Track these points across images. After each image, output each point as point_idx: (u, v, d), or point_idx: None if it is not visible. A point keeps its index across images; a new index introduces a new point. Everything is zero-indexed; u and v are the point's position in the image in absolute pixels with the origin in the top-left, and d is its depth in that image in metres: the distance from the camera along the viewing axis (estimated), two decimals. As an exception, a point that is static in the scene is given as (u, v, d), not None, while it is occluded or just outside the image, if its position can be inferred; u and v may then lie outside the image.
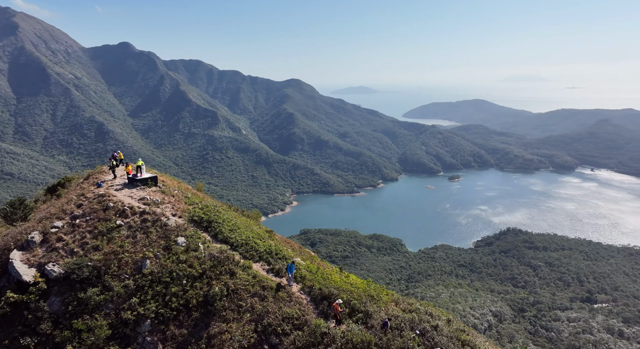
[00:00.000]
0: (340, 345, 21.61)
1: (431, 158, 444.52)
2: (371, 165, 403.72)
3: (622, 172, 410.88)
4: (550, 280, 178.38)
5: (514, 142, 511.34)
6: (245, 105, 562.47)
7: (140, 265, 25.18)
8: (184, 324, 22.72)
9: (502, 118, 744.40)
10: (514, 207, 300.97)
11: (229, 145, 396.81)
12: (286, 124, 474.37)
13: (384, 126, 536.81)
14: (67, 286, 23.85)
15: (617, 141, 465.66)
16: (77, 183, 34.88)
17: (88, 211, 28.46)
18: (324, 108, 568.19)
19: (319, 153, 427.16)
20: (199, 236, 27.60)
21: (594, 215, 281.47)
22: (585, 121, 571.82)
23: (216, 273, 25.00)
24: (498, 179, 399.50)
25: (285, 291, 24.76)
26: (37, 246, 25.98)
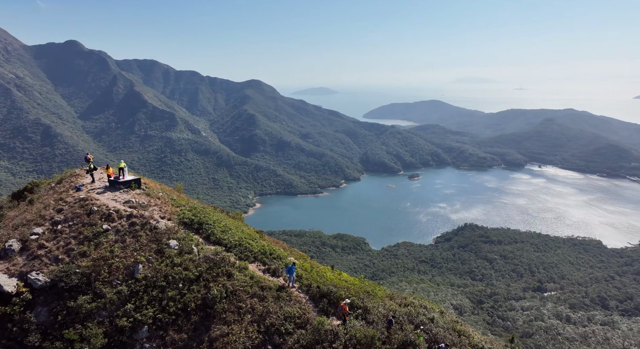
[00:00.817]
0: (345, 341, 21.84)
1: (392, 158, 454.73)
2: (334, 165, 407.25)
3: (566, 167, 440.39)
4: (505, 271, 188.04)
5: (469, 140, 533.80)
6: (205, 107, 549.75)
7: (132, 270, 24.37)
8: (183, 329, 22.17)
9: (457, 118, 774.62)
10: (470, 204, 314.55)
11: (188, 148, 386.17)
12: (247, 125, 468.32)
13: (345, 126, 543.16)
14: (54, 295, 22.78)
15: (561, 139, 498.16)
16: (49, 187, 33.01)
17: (70, 216, 27.28)
18: (285, 109, 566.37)
19: (282, 155, 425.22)
20: (191, 239, 27.04)
21: (542, 209, 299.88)
22: (532, 120, 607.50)
23: (213, 275, 24.52)
24: (455, 177, 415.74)
25: (284, 290, 24.69)
26: (16, 254, 24.63)
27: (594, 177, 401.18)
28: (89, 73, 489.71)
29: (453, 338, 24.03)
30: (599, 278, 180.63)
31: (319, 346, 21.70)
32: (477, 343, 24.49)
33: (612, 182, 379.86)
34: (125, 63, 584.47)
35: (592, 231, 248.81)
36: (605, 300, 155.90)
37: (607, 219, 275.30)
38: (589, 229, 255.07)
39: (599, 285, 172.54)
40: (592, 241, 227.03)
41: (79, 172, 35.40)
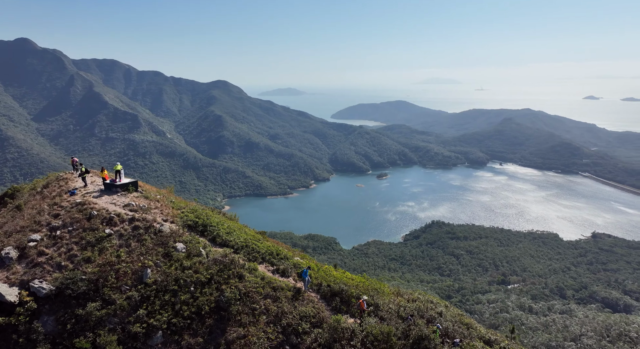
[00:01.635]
0: (362, 339, 21.99)
1: (360, 158, 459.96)
2: (303, 166, 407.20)
3: (525, 165, 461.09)
4: (471, 266, 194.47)
5: (434, 140, 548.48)
6: (169, 108, 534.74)
7: (140, 275, 23.83)
8: (198, 333, 21.76)
9: (422, 118, 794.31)
10: (437, 202, 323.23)
11: (153, 150, 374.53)
12: (214, 127, 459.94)
13: (314, 127, 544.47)
14: (60, 303, 22.01)
15: (519, 138, 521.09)
16: (34, 192, 32.06)
17: (69, 222, 26.54)
18: (253, 110, 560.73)
19: (250, 156, 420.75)
20: (197, 241, 26.72)
21: (505, 206, 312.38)
22: (493, 120, 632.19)
23: (224, 278, 24.31)
24: (422, 176, 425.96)
25: (295, 290, 24.75)
26: (15, 262, 23.67)
27: (550, 174, 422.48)
28: (42, 73, 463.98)
29: (463, 331, 24.85)
30: (557, 269, 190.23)
31: (337, 345, 21.82)
32: (484, 334, 25.56)
33: (566, 178, 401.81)
34: (83, 62, 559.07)
35: (550, 225, 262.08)
36: (563, 290, 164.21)
37: (563, 213, 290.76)
38: (547, 223, 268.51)
39: (557, 275, 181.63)
40: (550, 234, 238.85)
41: (67, 175, 34.28)
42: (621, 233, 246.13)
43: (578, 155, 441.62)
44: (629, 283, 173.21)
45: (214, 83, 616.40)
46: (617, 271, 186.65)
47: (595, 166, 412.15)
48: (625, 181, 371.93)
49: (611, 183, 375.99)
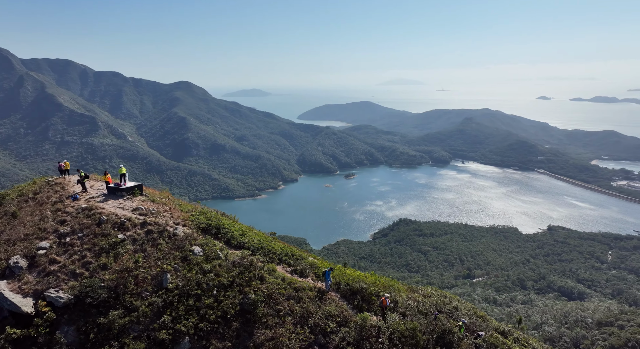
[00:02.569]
0: (389, 335, 22.12)
1: (328, 158, 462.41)
2: (271, 167, 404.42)
3: (485, 162, 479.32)
4: (438, 262, 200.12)
5: (399, 139, 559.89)
6: (130, 109, 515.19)
7: (160, 280, 23.37)
8: (225, 337, 21.51)
9: (387, 118, 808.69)
10: (404, 200, 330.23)
11: (113, 154, 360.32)
12: (178, 129, 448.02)
13: (281, 128, 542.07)
14: (79, 312, 21.42)
15: (479, 136, 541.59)
16: (24, 199, 30.78)
17: (78, 228, 25.99)
18: (219, 111, 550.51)
19: (217, 158, 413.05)
20: (213, 244, 26.52)
21: (468, 202, 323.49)
22: (454, 119, 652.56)
23: (245, 280, 24.15)
24: (388, 175, 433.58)
25: (315, 290, 24.74)
26: (25, 271, 22.94)
27: (509, 171, 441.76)
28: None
29: (480, 323, 25.64)
30: (518, 261, 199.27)
31: (366, 343, 21.88)
32: (498, 326, 26.51)
33: (524, 175, 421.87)
34: (33, 62, 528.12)
35: (510, 220, 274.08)
36: (524, 281, 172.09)
37: (521, 209, 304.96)
38: (508, 218, 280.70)
39: (518, 268, 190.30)
40: (510, 228, 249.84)
41: (60, 180, 33.19)
42: (573, 226, 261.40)
43: (533, 152, 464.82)
44: (581, 272, 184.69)
45: (176, 84, 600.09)
46: (570, 261, 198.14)
47: (549, 162, 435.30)
48: (575, 176, 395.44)
49: (563, 179, 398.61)
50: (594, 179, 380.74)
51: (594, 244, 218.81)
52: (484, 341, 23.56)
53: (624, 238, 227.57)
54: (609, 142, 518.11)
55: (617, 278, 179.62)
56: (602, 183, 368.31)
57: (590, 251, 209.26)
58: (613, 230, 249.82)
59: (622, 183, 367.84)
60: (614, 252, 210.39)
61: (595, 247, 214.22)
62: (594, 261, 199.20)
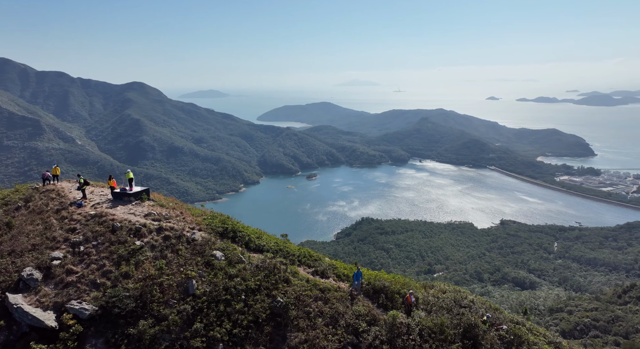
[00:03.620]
0: (418, 332, 22.34)
1: (289, 159, 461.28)
2: (231, 169, 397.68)
3: (442, 161, 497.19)
4: (401, 259, 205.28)
5: (359, 140, 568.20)
6: (78, 112, 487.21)
7: (186, 287, 22.78)
8: (259, 342, 21.22)
9: (347, 118, 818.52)
10: (366, 200, 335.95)
11: (60, 158, 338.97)
12: (132, 131, 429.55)
13: (241, 130, 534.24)
14: (106, 323, 20.59)
15: (435, 136, 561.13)
16: (14, 207, 29.29)
17: (91, 236, 25.13)
18: (175, 113, 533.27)
19: (174, 161, 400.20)
20: (234, 248, 26.11)
21: (427, 200, 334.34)
22: (411, 119, 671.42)
23: (272, 283, 23.92)
24: (350, 175, 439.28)
25: (340, 290, 24.58)
26: (41, 283, 21.91)
27: (464, 168, 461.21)
28: None
29: (497, 315, 26.25)
30: (474, 255, 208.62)
31: (399, 340, 21.93)
32: (512, 318, 27.20)
33: (478, 172, 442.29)
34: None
35: (466, 216, 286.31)
36: (481, 274, 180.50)
37: (477, 205, 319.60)
38: (464, 214, 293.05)
39: (475, 261, 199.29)
40: (466, 224, 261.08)
41: (52, 186, 32.13)
42: (524, 219, 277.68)
43: (485, 150, 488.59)
44: (531, 262, 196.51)
45: (129, 85, 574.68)
46: (522, 253, 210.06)
47: (500, 160, 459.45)
48: (523, 172, 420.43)
49: (513, 175, 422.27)
50: (540, 175, 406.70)
51: (542, 236, 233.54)
52: (507, 333, 24.11)
53: (567, 229, 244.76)
54: (552, 140, 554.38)
55: (562, 266, 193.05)
56: (547, 179, 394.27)
57: (538, 242, 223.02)
58: (558, 222, 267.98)
59: (564, 178, 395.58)
60: (559, 243, 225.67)
61: (543, 239, 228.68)
62: (542, 252, 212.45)
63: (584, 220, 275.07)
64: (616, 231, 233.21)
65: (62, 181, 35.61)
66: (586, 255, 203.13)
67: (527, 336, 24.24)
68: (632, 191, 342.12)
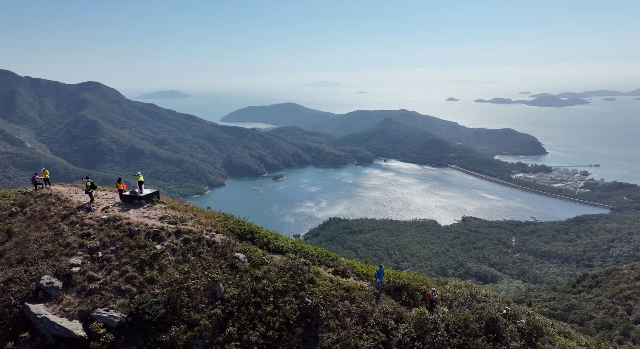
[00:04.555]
0: (445, 327, 22.63)
1: (255, 161, 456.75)
2: (195, 171, 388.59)
3: (406, 160, 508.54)
4: (368, 257, 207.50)
5: (325, 140, 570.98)
6: (27, 113, 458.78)
7: (213, 290, 22.50)
8: (292, 344, 21.13)
9: (312, 119, 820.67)
10: (334, 200, 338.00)
11: (7, 162, 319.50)
12: (88, 133, 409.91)
13: (204, 131, 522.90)
14: (136, 331, 20.01)
15: (399, 136, 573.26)
16: (6, 214, 28.31)
17: (108, 241, 24.37)
18: (135, 114, 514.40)
19: (134, 164, 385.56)
20: (255, 249, 26.03)
21: (393, 199, 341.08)
22: (375, 120, 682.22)
23: (298, 284, 23.85)
24: (316, 175, 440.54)
25: (364, 289, 24.71)
26: (62, 292, 21.08)
27: (428, 167, 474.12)
28: None
29: (514, 308, 26.99)
30: (439, 251, 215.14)
31: (428, 336, 22.08)
32: (525, 310, 27.96)
33: (440, 171, 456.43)
34: None
35: (431, 214, 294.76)
36: (445, 269, 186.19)
37: (440, 203, 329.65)
38: (428, 212, 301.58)
39: (439, 257, 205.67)
40: (430, 221, 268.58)
41: (46, 190, 31.16)
42: (484, 216, 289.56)
43: (447, 149, 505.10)
44: (492, 257, 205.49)
45: (84, 85, 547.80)
46: (483, 248, 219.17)
47: (460, 158, 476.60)
48: (482, 170, 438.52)
49: (473, 173, 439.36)
50: (497, 172, 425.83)
51: (501, 231, 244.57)
52: (527, 325, 24.82)
53: (524, 224, 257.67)
54: (507, 139, 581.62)
55: (520, 260, 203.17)
56: (504, 176, 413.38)
57: (498, 237, 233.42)
58: (515, 217, 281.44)
59: (519, 175, 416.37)
60: (516, 237, 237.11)
61: (502, 234, 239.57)
62: (502, 246, 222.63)
63: (539, 215, 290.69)
64: (567, 224, 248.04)
65: (54, 184, 34.34)
66: (541, 248, 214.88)
67: (546, 328, 25.19)
68: (580, 187, 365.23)
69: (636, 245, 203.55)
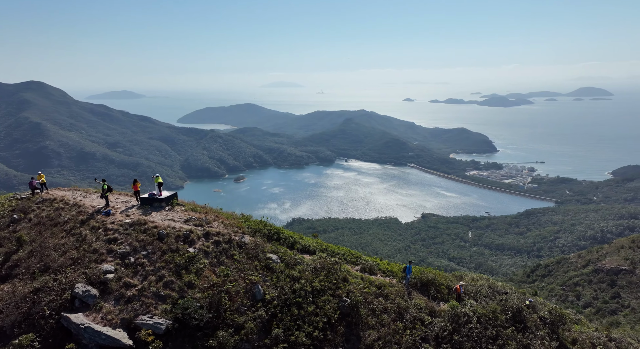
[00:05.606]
0: (477, 319, 23.29)
1: (215, 162, 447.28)
2: (152, 175, 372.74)
3: (367, 160, 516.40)
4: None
5: (286, 141, 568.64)
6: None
7: (253, 292, 22.32)
8: (337, 343, 21.12)
9: (272, 120, 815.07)
10: (298, 201, 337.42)
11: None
12: (32, 136, 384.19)
13: (161, 133, 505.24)
14: (183, 337, 19.75)
15: (359, 136, 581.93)
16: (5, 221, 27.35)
17: (138, 245, 23.71)
18: (84, 115, 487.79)
19: (85, 168, 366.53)
20: (285, 250, 26.06)
21: (355, 199, 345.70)
22: (336, 120, 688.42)
23: (333, 282, 23.93)
24: (279, 176, 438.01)
25: (393, 285, 25.03)
26: (99, 300, 20.53)
27: (388, 166, 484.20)
28: None
29: (523, 296, 28.16)
30: (401, 248, 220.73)
31: (463, 329, 22.54)
32: (539, 300, 29.45)
33: (400, 170, 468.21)
34: None
35: (392, 212, 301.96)
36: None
37: (401, 201, 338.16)
38: (390, 210, 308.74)
39: (401, 254, 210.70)
40: (392, 219, 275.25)
41: (49, 195, 30.22)
42: (442, 212, 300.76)
43: (405, 148, 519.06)
44: (451, 251, 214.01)
45: (25, 85, 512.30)
46: (442, 243, 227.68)
47: (418, 157, 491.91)
48: (439, 168, 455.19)
49: (430, 171, 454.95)
50: (453, 170, 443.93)
51: (458, 226, 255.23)
52: (551, 314, 26.29)
53: (479, 219, 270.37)
54: (461, 138, 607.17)
55: (477, 253, 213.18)
56: (459, 173, 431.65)
57: (456, 233, 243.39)
58: (471, 213, 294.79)
59: (473, 172, 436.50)
60: (472, 232, 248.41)
61: (460, 229, 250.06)
62: (459, 241, 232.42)
63: (492, 210, 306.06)
64: (517, 218, 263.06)
65: (51, 189, 32.94)
66: (495, 242, 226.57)
67: (569, 316, 27.07)
68: (528, 183, 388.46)
69: (578, 235, 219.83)
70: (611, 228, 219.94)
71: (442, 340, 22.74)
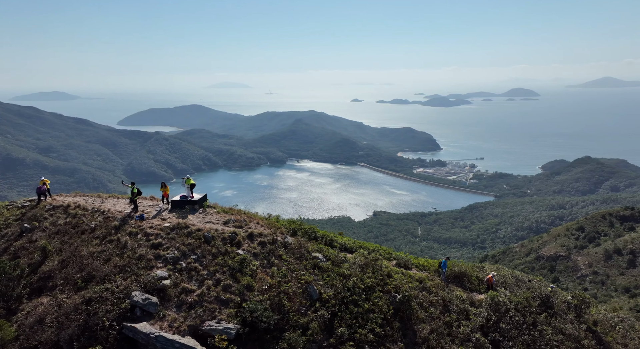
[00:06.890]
0: (514, 307, 24.54)
1: (161, 166, 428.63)
2: (91, 181, 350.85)
3: (318, 160, 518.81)
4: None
5: (236, 142, 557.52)
6: None
7: (309, 292, 22.23)
8: (395, 338, 21.31)
9: (220, 121, 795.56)
10: (251, 203, 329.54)
11: None
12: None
13: (100, 136, 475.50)
14: (253, 341, 19.63)
15: (310, 136, 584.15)
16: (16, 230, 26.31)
17: (187, 250, 23.29)
18: (10, 118, 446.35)
19: (13, 176, 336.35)
20: (327, 248, 26.17)
21: (309, 199, 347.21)
22: (285, 121, 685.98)
23: (380, 279, 24.11)
24: (230, 178, 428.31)
25: (432, 279, 25.55)
26: (162, 308, 19.99)
27: (340, 166, 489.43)
28: None
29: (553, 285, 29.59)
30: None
31: (506, 317, 23.28)
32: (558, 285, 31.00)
33: (351, 169, 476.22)
34: None
35: (345, 211, 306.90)
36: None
37: (353, 200, 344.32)
38: (343, 210, 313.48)
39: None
40: (345, 218, 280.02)
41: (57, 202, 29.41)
42: (393, 210, 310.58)
43: (355, 148, 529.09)
44: (402, 247, 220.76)
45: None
46: (394, 239, 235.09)
47: (368, 156, 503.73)
48: (388, 167, 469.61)
49: (380, 170, 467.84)
50: (401, 168, 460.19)
51: (408, 222, 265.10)
52: (575, 298, 27.80)
53: (427, 215, 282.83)
54: (408, 137, 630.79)
55: (427, 247, 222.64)
56: (407, 171, 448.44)
57: (406, 229, 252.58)
58: (420, 209, 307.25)
59: (419, 170, 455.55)
60: (422, 227, 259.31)
61: (410, 225, 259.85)
62: (410, 236, 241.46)
63: (439, 206, 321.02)
64: (462, 212, 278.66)
65: (55, 195, 32.00)
66: (443, 235, 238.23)
67: (593, 302, 29.10)
68: (470, 179, 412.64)
69: (517, 226, 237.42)
70: (544, 218, 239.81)
71: (488, 329, 23.60)
